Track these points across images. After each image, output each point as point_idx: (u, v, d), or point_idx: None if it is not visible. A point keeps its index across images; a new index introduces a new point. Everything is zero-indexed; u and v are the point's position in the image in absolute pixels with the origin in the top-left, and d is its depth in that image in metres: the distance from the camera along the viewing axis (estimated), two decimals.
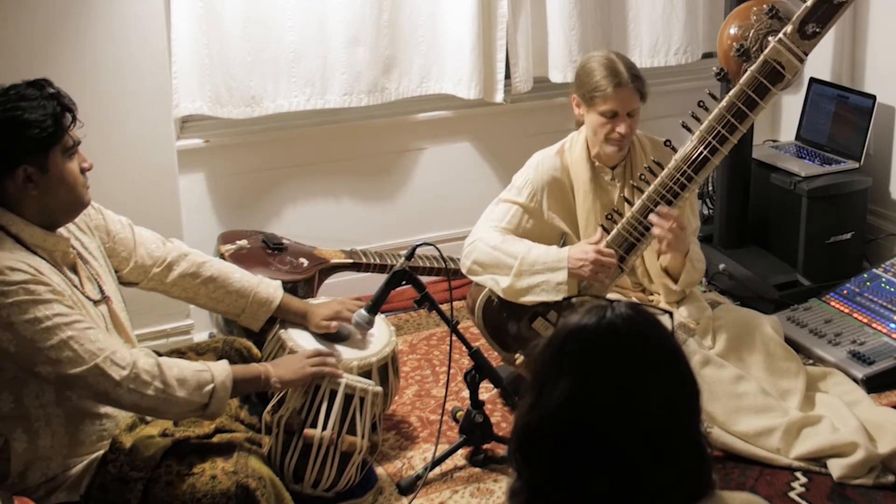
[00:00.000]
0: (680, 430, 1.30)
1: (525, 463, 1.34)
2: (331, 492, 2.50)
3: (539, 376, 1.33)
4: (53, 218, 2.15)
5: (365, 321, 2.66)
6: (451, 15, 3.69)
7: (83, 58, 2.97)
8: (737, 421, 2.74)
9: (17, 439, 2.08)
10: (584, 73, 2.85)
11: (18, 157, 2.06)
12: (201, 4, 3.32)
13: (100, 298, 2.25)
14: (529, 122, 4.06)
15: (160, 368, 2.10)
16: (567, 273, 2.76)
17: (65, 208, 2.17)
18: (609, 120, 2.81)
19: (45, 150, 2.08)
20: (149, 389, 2.07)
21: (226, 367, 2.21)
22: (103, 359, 2.03)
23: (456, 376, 3.09)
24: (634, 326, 1.31)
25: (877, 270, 3.54)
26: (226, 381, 2.18)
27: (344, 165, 3.82)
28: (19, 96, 2.07)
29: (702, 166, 2.74)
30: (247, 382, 2.28)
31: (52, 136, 2.07)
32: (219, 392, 2.16)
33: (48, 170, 2.09)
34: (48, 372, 2.01)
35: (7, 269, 2.00)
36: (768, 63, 2.67)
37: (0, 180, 2.07)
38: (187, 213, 3.35)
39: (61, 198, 2.13)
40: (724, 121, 2.72)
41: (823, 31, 2.64)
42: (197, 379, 2.14)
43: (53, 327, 2.00)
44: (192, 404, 2.14)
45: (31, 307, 1.99)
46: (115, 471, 2.12)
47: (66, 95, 2.14)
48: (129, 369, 2.05)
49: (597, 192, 2.91)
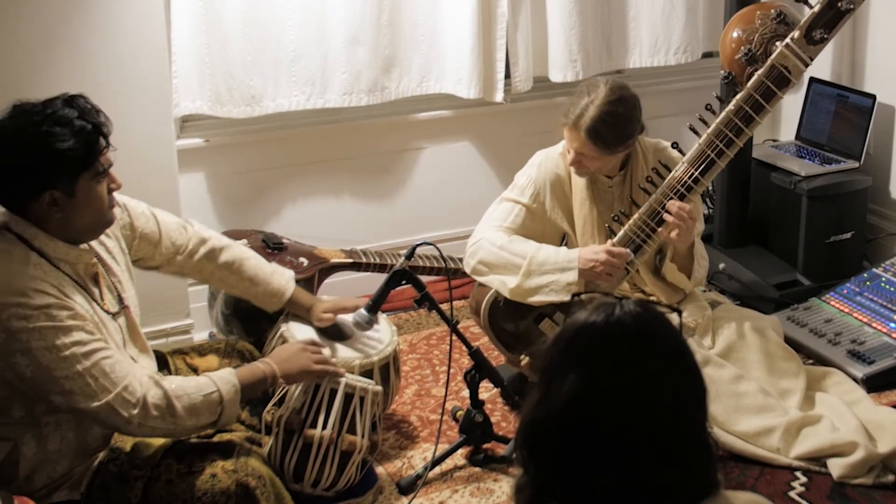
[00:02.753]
0: (686, 428, 1.30)
1: (531, 458, 1.35)
2: (331, 491, 2.50)
3: (547, 372, 1.33)
4: (76, 236, 2.13)
5: (365, 321, 2.65)
6: (451, 14, 3.69)
7: (83, 57, 2.97)
8: (737, 421, 2.74)
9: (27, 444, 2.08)
10: (576, 93, 2.78)
11: (47, 183, 2.03)
12: (201, 4, 3.32)
13: (118, 310, 2.24)
14: (529, 122, 4.06)
15: (168, 402, 2.08)
16: (578, 273, 2.76)
17: (88, 229, 2.15)
18: (567, 144, 2.81)
19: (75, 176, 2.05)
20: (158, 423, 2.08)
21: (232, 381, 2.19)
22: (115, 396, 2.02)
23: (456, 376, 3.09)
24: (643, 324, 1.32)
25: (877, 270, 3.54)
26: (234, 397, 2.18)
27: (344, 165, 3.82)
28: (54, 119, 2.01)
29: (708, 169, 2.76)
30: (253, 387, 2.28)
31: (82, 164, 2.05)
32: (228, 408, 2.17)
33: (75, 195, 2.05)
34: (60, 402, 2.01)
35: (32, 290, 1.98)
36: (776, 68, 2.68)
37: (26, 201, 2.05)
38: (187, 213, 3.34)
39: (86, 220, 2.11)
40: (731, 124, 2.73)
41: (830, 36, 2.66)
42: (207, 403, 2.14)
43: (71, 357, 1.98)
44: (203, 426, 2.16)
45: (51, 334, 1.97)
46: (116, 469, 2.13)
47: (102, 115, 2.10)
48: (138, 408, 2.04)
49: (593, 199, 2.90)
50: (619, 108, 2.71)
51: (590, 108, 2.69)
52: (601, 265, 2.75)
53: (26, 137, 2.00)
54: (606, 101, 2.70)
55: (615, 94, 2.72)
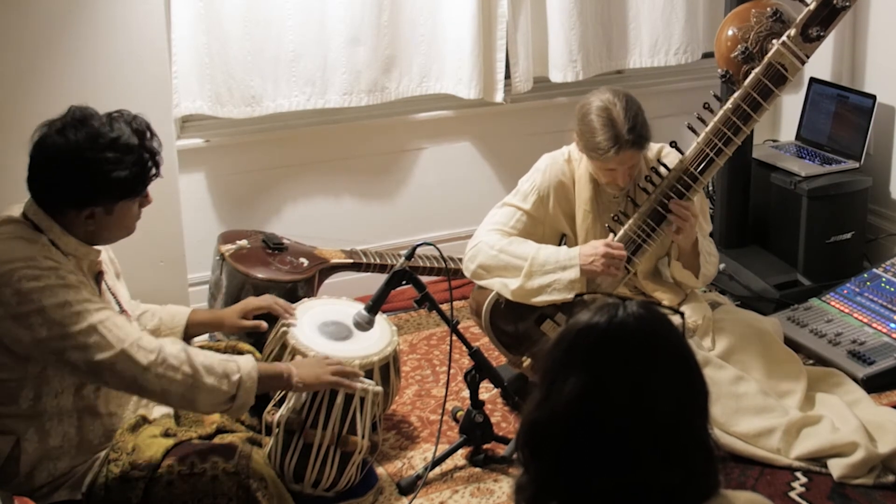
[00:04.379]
0: (688, 429, 1.30)
1: (532, 458, 1.35)
2: (331, 491, 2.50)
3: (549, 373, 1.33)
4: (96, 241, 2.18)
5: (365, 321, 2.65)
6: (451, 15, 3.69)
7: (84, 57, 2.97)
8: (737, 422, 2.74)
9: (29, 440, 2.08)
10: (585, 127, 2.72)
11: (92, 201, 2.08)
12: (201, 4, 3.32)
13: (120, 311, 2.25)
14: (529, 122, 4.06)
15: (187, 353, 2.09)
16: (579, 270, 2.76)
17: (112, 239, 2.21)
18: (608, 172, 2.77)
19: (119, 199, 2.10)
20: (177, 374, 2.06)
21: (251, 360, 2.20)
22: (130, 343, 2.03)
23: (456, 376, 3.09)
24: (645, 325, 1.32)
25: (877, 270, 3.54)
26: (252, 371, 2.16)
27: (344, 165, 3.82)
28: (118, 147, 2.05)
29: (707, 167, 2.76)
30: (270, 378, 2.26)
31: (132, 192, 2.11)
32: (245, 382, 2.14)
33: (113, 212, 2.11)
34: (77, 358, 2.01)
35: (40, 256, 2.03)
36: (772, 66, 2.69)
37: (66, 209, 2.09)
38: (188, 213, 3.35)
39: (114, 233, 2.18)
40: (728, 122, 2.73)
41: (826, 33, 2.66)
42: (223, 367, 2.12)
43: (83, 311, 2.01)
44: (220, 394, 2.11)
45: (60, 291, 2.00)
46: (117, 470, 2.13)
47: (156, 140, 2.14)
48: (156, 354, 2.05)
49: (597, 211, 2.89)
50: (633, 104, 2.72)
51: (619, 125, 2.65)
52: (601, 258, 2.75)
53: (86, 158, 2.04)
54: (622, 107, 2.68)
55: (618, 97, 2.71)
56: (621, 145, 2.66)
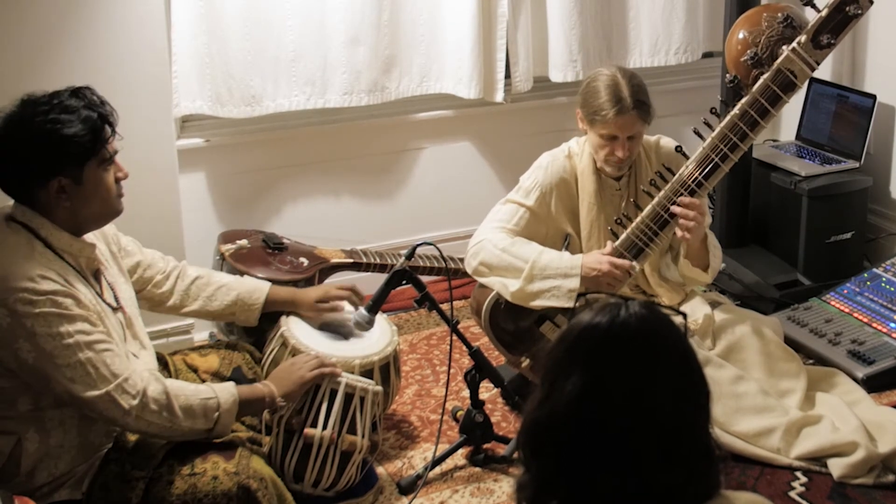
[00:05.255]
0: (689, 430, 1.30)
1: (533, 457, 1.35)
2: (331, 491, 2.50)
3: (550, 372, 1.33)
4: (83, 225, 2.16)
5: (365, 321, 2.65)
6: (452, 14, 3.69)
7: (84, 57, 2.97)
8: (737, 421, 2.74)
9: (30, 439, 2.08)
10: (589, 92, 2.80)
11: (54, 170, 2.06)
12: (201, 4, 3.32)
13: (117, 306, 2.25)
14: (530, 122, 4.06)
15: (168, 398, 2.10)
16: (580, 281, 2.76)
17: (96, 217, 2.18)
18: (608, 142, 2.79)
19: (82, 163, 2.08)
20: (155, 418, 2.08)
21: (232, 392, 2.21)
22: (115, 386, 2.03)
23: (456, 376, 3.09)
24: (648, 326, 1.32)
25: (877, 270, 3.54)
26: (231, 407, 2.19)
27: (344, 165, 3.82)
28: (61, 108, 2.06)
29: (712, 173, 2.76)
30: (251, 404, 2.29)
31: (89, 151, 2.08)
32: (224, 418, 2.18)
33: (82, 182, 2.09)
34: (61, 390, 2.02)
35: (38, 276, 2.00)
36: (781, 72, 2.67)
37: (33, 189, 2.08)
38: (188, 213, 3.35)
39: (94, 208, 2.14)
40: (735, 129, 2.73)
41: (837, 41, 2.64)
42: (203, 407, 2.15)
43: (74, 345, 2.00)
44: (197, 431, 2.16)
45: (55, 321, 1.99)
46: (118, 469, 2.13)
47: (107, 105, 2.14)
48: (138, 399, 2.06)
49: (601, 203, 2.90)
50: (638, 78, 2.80)
51: (622, 89, 2.73)
52: (604, 275, 2.75)
53: (34, 125, 2.04)
54: (627, 76, 2.77)
55: (625, 70, 2.81)
56: (623, 107, 2.71)
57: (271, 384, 2.35)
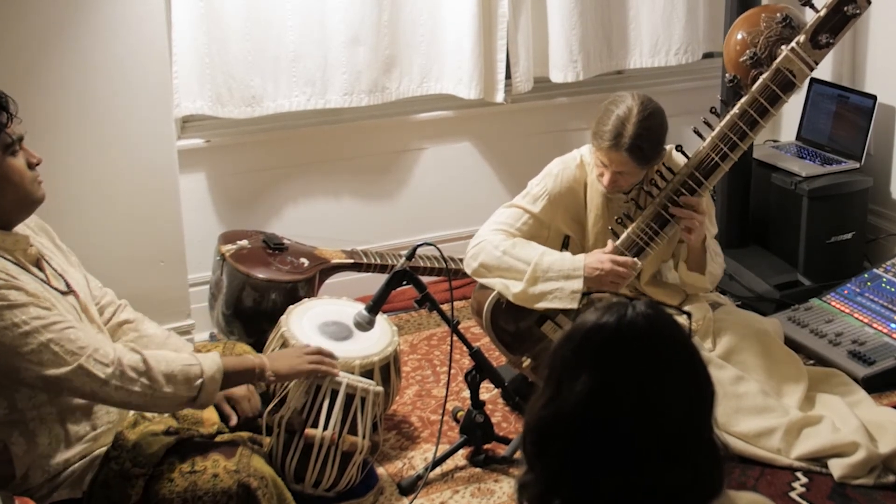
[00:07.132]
0: (694, 430, 1.30)
1: (538, 457, 1.35)
2: (332, 491, 2.50)
3: (556, 371, 1.33)
4: (6, 217, 2.12)
5: (366, 321, 2.65)
6: (452, 15, 3.69)
7: (84, 57, 2.97)
8: (737, 422, 2.74)
9: (16, 443, 2.07)
10: (604, 112, 2.73)
11: None
12: (202, 4, 3.32)
13: (66, 291, 2.21)
14: (530, 122, 4.06)
15: (146, 364, 2.07)
16: (583, 282, 2.75)
17: (15, 206, 2.12)
18: (601, 166, 2.78)
19: None
20: (135, 386, 2.04)
21: (216, 360, 2.18)
22: (86, 358, 2.00)
23: (456, 376, 3.08)
24: (655, 326, 1.32)
25: (877, 270, 3.54)
26: (215, 374, 2.15)
27: (344, 165, 3.82)
28: None
29: (711, 172, 2.76)
30: (239, 374, 2.25)
31: None
32: (208, 386, 2.13)
33: None
34: (33, 377, 1.99)
35: None
36: (780, 72, 2.68)
37: None
38: (188, 213, 3.35)
39: (9, 196, 2.09)
40: (735, 128, 2.73)
41: (835, 41, 2.65)
42: (185, 374, 2.11)
43: (32, 331, 1.97)
44: (181, 398, 2.11)
45: (6, 314, 1.97)
46: (118, 467, 2.12)
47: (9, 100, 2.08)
48: (113, 367, 2.03)
49: (608, 216, 2.89)
50: (654, 121, 2.70)
51: (628, 127, 2.66)
52: (606, 274, 2.75)
53: None
54: (642, 116, 2.67)
55: (647, 107, 2.70)
56: (618, 144, 2.66)
57: (264, 358, 2.32)
